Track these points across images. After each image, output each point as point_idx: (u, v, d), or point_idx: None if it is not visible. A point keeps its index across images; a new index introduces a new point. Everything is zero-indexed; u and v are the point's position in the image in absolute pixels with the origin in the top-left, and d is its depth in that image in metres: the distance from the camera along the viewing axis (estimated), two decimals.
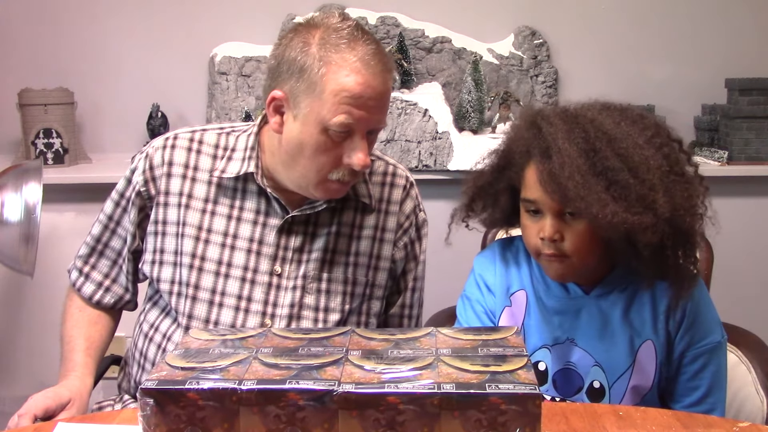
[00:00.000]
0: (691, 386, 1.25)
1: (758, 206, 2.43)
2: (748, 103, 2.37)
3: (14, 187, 2.02)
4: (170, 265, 1.34)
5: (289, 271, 1.33)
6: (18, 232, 2.00)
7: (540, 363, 1.27)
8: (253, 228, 1.33)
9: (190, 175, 1.34)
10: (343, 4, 2.51)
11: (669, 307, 1.24)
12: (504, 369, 0.80)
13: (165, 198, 1.34)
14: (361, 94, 1.18)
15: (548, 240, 1.19)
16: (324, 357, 0.84)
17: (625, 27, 2.52)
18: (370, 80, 1.18)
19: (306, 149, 1.22)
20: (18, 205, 2.00)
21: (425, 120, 2.37)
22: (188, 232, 1.33)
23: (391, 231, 1.39)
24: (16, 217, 1.99)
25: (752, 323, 1.45)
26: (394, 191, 1.41)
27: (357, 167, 1.21)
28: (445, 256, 1.84)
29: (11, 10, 2.52)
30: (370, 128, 1.23)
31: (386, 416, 0.76)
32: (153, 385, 0.79)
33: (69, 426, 1.08)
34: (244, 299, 1.32)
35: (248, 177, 1.32)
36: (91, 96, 2.52)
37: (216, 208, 1.33)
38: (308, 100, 1.19)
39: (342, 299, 1.35)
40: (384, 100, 1.23)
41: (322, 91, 1.18)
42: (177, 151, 1.35)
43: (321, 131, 1.19)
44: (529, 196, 1.22)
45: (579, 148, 1.15)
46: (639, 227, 1.12)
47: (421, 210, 1.45)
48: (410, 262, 1.43)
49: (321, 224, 1.34)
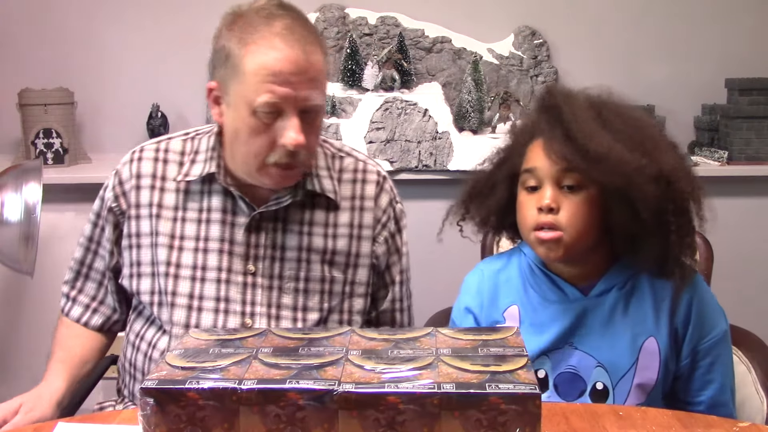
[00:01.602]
0: (708, 379, 1.25)
1: (758, 206, 2.43)
2: (748, 103, 2.37)
3: (14, 187, 2.02)
4: (148, 276, 1.34)
5: (263, 268, 1.32)
6: (18, 232, 2.00)
7: (539, 371, 1.26)
8: (222, 228, 1.32)
9: (158, 185, 1.34)
10: (343, 4, 2.51)
11: (672, 304, 1.24)
12: (504, 369, 0.80)
13: (136, 211, 1.34)
14: (280, 69, 1.16)
15: (546, 209, 1.20)
16: (324, 357, 0.84)
17: (625, 27, 2.53)
18: (288, 54, 1.16)
19: (241, 135, 1.21)
20: (18, 205, 2.00)
21: (425, 120, 2.37)
22: (161, 242, 1.32)
23: (368, 227, 1.37)
24: (16, 217, 2.00)
25: (752, 323, 1.45)
26: (366, 187, 1.39)
27: (290, 147, 1.19)
28: (445, 255, 1.84)
29: (11, 10, 2.52)
30: (300, 106, 1.19)
31: (386, 416, 0.76)
32: (153, 384, 0.79)
33: (69, 426, 1.09)
34: (222, 300, 1.31)
35: (212, 178, 1.31)
36: (91, 96, 2.52)
37: (186, 214, 1.33)
38: (234, 84, 1.19)
39: (320, 298, 1.34)
40: (309, 74, 1.18)
41: (244, 73, 1.17)
42: (144, 163, 1.35)
43: (250, 114, 1.18)
44: (529, 166, 1.23)
45: (588, 107, 1.22)
46: (644, 174, 1.15)
47: (398, 202, 1.43)
48: (393, 256, 1.42)
49: (291, 221, 1.33)
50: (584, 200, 1.20)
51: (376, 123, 2.37)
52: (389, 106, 2.37)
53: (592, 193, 1.19)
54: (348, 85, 2.48)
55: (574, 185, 1.19)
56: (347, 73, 2.46)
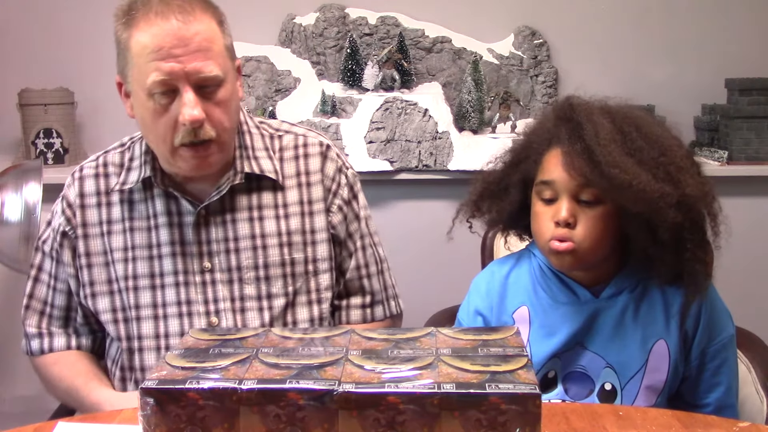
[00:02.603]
0: (715, 382, 1.26)
1: (758, 206, 2.43)
2: (748, 103, 2.37)
3: (14, 187, 2.02)
4: (105, 294, 1.32)
5: (220, 263, 1.30)
6: (18, 232, 2.00)
7: (549, 371, 1.26)
8: (171, 231, 1.30)
9: (104, 201, 1.33)
10: (343, 4, 2.51)
11: (683, 307, 1.24)
12: (504, 369, 0.80)
13: (83, 230, 1.33)
14: (160, 45, 1.14)
15: (563, 223, 1.19)
16: (324, 357, 0.84)
17: (625, 27, 2.52)
18: (165, 28, 1.14)
19: (146, 121, 1.20)
20: (18, 205, 2.00)
21: (425, 120, 2.37)
22: (116, 257, 1.31)
23: (319, 201, 1.34)
24: (16, 217, 2.00)
25: (752, 323, 1.45)
26: (310, 161, 1.35)
27: (186, 123, 1.16)
28: (445, 255, 1.84)
29: (11, 10, 2.52)
30: (193, 80, 1.16)
31: (386, 416, 0.76)
32: (153, 384, 0.79)
33: (69, 426, 1.08)
34: (184, 304, 1.30)
35: (151, 183, 1.30)
36: (91, 96, 2.52)
37: (133, 223, 1.31)
38: (129, 71, 1.19)
39: (283, 282, 1.32)
40: (194, 45, 1.15)
41: (132, 57, 1.17)
42: (86, 182, 1.34)
43: (148, 98, 1.17)
44: (547, 178, 1.21)
45: (611, 126, 1.19)
46: (667, 202, 1.14)
47: (348, 167, 1.39)
48: (353, 223, 1.38)
49: (239, 209, 1.31)
50: (601, 215, 1.19)
51: (376, 123, 2.37)
52: (389, 106, 2.37)
53: (608, 208, 1.19)
54: (348, 85, 2.48)
55: (592, 200, 1.19)
56: (347, 73, 2.46)
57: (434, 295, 1.60)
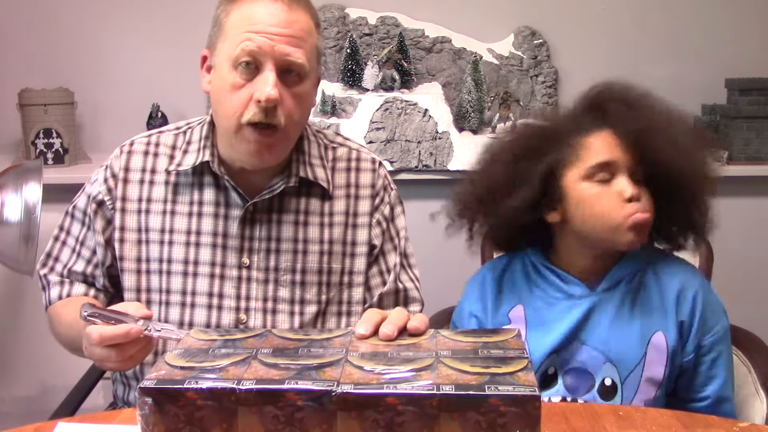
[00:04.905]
0: (712, 375, 1.27)
1: (758, 206, 2.43)
2: (748, 103, 2.37)
3: (14, 187, 2.02)
4: (132, 273, 1.31)
5: (258, 261, 1.30)
6: (18, 232, 2.00)
7: (549, 368, 1.26)
8: (215, 221, 1.30)
9: (147, 178, 1.33)
10: (343, 4, 2.51)
11: (678, 297, 1.25)
12: (504, 371, 0.80)
13: (122, 203, 1.32)
14: (260, 19, 1.17)
15: (636, 198, 1.21)
16: (323, 357, 0.84)
17: (625, 27, 2.52)
18: (270, 7, 1.18)
19: (221, 93, 1.21)
20: (18, 205, 2.00)
21: (425, 120, 2.37)
22: (152, 238, 1.30)
23: (365, 215, 1.35)
24: (16, 217, 1.99)
25: (752, 323, 1.45)
26: (361, 175, 1.36)
27: (262, 98, 1.16)
28: (445, 255, 1.83)
29: (11, 10, 2.52)
30: (279, 61, 1.18)
31: (385, 417, 0.76)
32: (152, 384, 0.79)
33: (69, 426, 1.09)
34: (216, 296, 1.29)
35: (204, 170, 1.30)
36: (91, 96, 2.52)
37: (176, 207, 1.31)
38: (220, 43, 1.21)
39: (318, 290, 1.31)
40: (291, 31, 1.18)
41: (228, 29, 1.20)
42: (134, 157, 1.34)
43: (231, 68, 1.19)
44: (602, 160, 1.24)
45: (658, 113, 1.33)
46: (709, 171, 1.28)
47: (393, 189, 1.41)
48: (387, 243, 1.37)
49: (286, 211, 1.31)
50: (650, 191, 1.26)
51: (376, 123, 2.37)
52: (389, 106, 2.37)
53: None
54: (348, 85, 2.48)
55: (640, 179, 1.25)
56: (347, 73, 2.46)
57: (434, 295, 1.59)
